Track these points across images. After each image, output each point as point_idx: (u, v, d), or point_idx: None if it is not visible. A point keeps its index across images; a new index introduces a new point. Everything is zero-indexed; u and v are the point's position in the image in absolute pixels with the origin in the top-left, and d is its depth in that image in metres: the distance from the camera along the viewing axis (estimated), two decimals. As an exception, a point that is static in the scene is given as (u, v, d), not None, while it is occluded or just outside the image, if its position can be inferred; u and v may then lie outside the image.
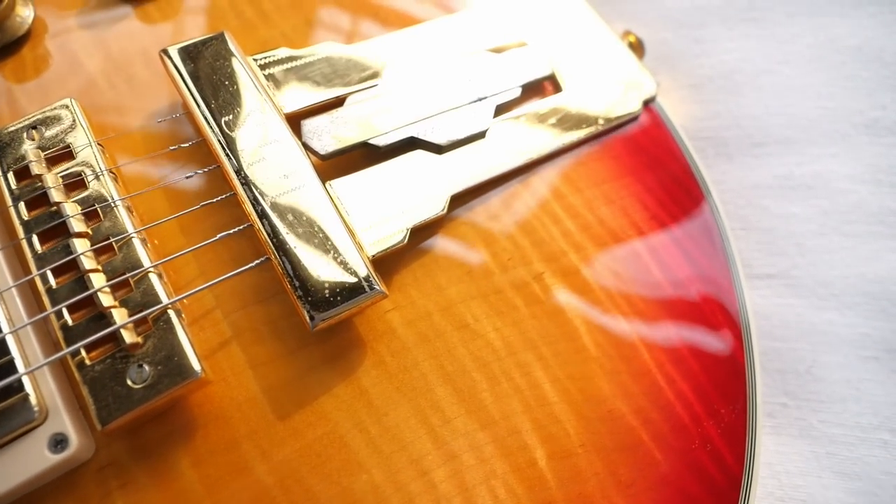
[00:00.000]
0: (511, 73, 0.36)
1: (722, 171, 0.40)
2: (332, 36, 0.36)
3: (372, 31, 0.37)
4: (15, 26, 0.35)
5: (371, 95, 0.33)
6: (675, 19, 0.44)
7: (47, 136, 0.30)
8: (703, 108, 0.41)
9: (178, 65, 0.31)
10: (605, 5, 0.45)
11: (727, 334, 0.33)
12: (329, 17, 0.37)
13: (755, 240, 0.38)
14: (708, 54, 0.42)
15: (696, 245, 0.35)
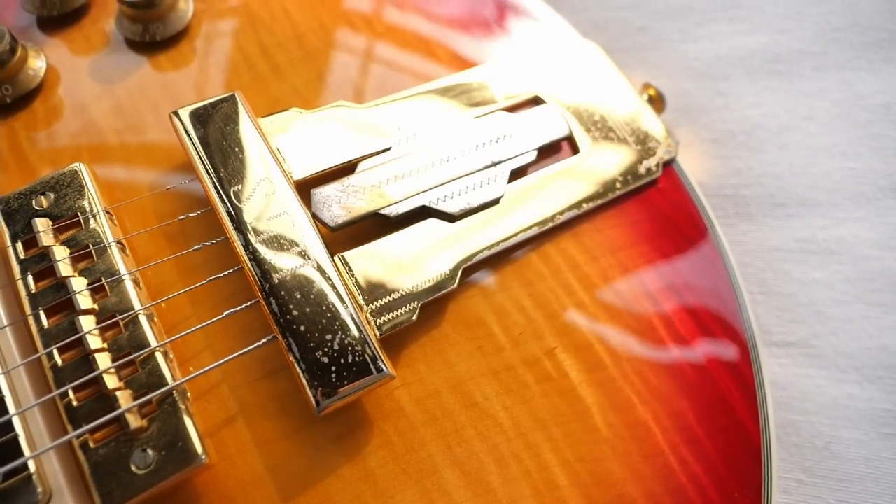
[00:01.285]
0: (527, 134, 0.35)
1: (742, 231, 0.39)
2: (345, 92, 0.36)
3: (385, 87, 0.37)
4: (27, 79, 0.35)
5: (383, 160, 0.33)
6: (698, 70, 0.43)
7: (56, 203, 0.30)
8: (724, 163, 0.41)
9: (188, 129, 0.31)
10: (626, 53, 0.44)
11: (743, 410, 0.33)
12: (342, 73, 0.37)
13: (774, 305, 0.37)
14: (730, 108, 0.42)
15: (713, 316, 0.34)
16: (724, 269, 0.35)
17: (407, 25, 0.39)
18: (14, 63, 0.34)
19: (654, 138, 0.37)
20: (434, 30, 0.39)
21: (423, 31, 0.39)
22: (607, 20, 0.45)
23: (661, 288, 0.34)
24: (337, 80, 0.36)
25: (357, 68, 0.37)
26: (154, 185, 0.33)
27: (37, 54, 0.36)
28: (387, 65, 0.37)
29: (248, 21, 0.38)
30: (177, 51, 0.37)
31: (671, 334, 0.33)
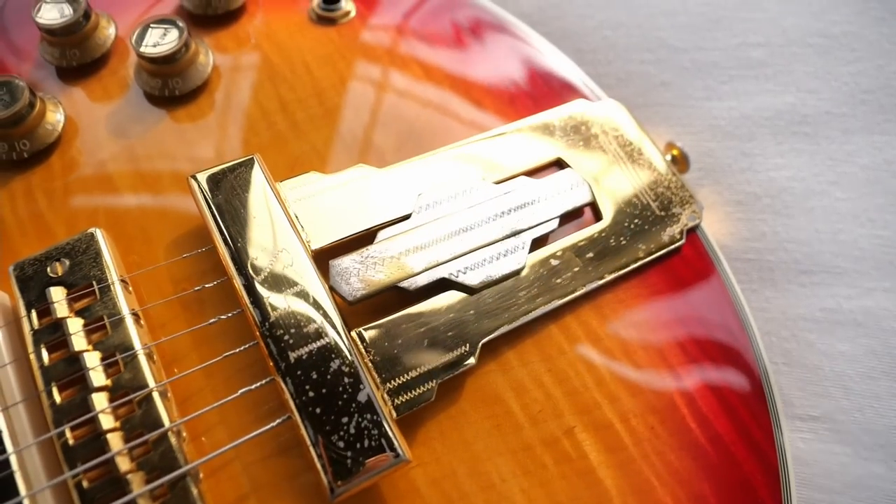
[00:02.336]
0: (549, 201, 0.35)
1: (765, 297, 0.39)
2: (366, 153, 0.36)
3: (406, 147, 0.36)
4: (45, 134, 0.35)
5: (402, 229, 0.32)
6: (723, 129, 0.42)
7: (71, 270, 0.30)
8: (749, 227, 0.40)
9: (206, 194, 0.31)
10: (648, 108, 0.44)
11: (765, 491, 0.32)
12: (362, 132, 0.36)
13: (798, 377, 0.37)
14: (755, 169, 0.41)
15: (737, 393, 0.33)
16: (748, 340, 0.35)
17: (429, 84, 0.38)
18: (32, 118, 0.34)
19: (679, 203, 0.37)
20: (456, 89, 0.38)
21: (446, 89, 0.38)
22: (630, 74, 0.44)
23: (683, 363, 0.33)
24: (357, 140, 0.36)
25: (378, 127, 0.37)
26: (171, 249, 0.32)
27: (55, 107, 0.36)
28: (408, 124, 0.37)
29: (268, 76, 0.38)
30: (196, 106, 0.37)
31: (693, 413, 0.32)
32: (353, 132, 0.36)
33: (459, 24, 0.41)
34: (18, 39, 0.40)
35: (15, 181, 0.34)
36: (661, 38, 0.45)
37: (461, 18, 0.42)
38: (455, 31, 0.41)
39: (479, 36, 0.41)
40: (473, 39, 0.41)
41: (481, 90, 0.39)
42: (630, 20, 0.45)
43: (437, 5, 0.42)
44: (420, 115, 0.37)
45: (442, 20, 0.41)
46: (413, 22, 0.41)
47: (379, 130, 0.37)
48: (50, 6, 0.36)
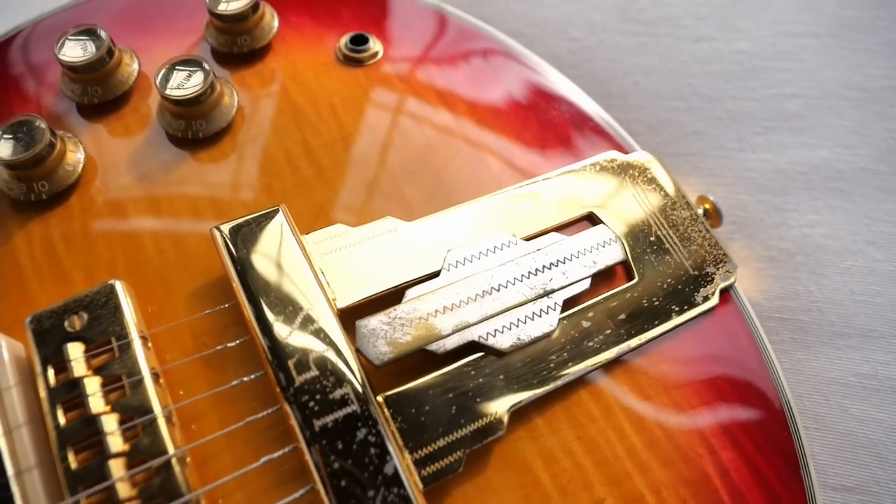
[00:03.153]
0: (581, 260, 0.34)
1: (797, 359, 0.38)
2: (393, 203, 0.35)
3: (435, 197, 0.35)
4: (65, 175, 0.34)
5: (431, 288, 0.31)
6: (756, 182, 0.42)
7: (89, 325, 0.29)
8: (781, 285, 0.39)
9: (230, 247, 0.30)
10: (679, 157, 0.43)
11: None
12: (390, 181, 0.36)
13: (831, 444, 0.36)
14: (789, 225, 0.40)
15: (769, 461, 0.32)
16: (782, 407, 0.34)
17: (458, 132, 0.38)
18: (52, 159, 0.33)
19: (713, 262, 0.36)
20: (486, 137, 0.38)
21: (475, 138, 0.38)
22: (661, 122, 0.44)
23: (716, 432, 0.32)
24: (384, 189, 0.35)
25: (405, 176, 0.36)
26: (192, 302, 0.31)
27: (75, 147, 0.35)
28: (436, 173, 0.36)
29: (294, 119, 0.37)
30: (219, 149, 0.36)
31: (726, 485, 0.31)
32: (379, 180, 0.36)
33: (490, 69, 0.41)
34: (38, 72, 0.39)
35: (33, 223, 0.34)
36: (694, 86, 0.44)
37: (491, 63, 0.41)
38: (485, 77, 0.40)
39: (509, 82, 0.40)
40: (504, 85, 0.40)
41: (511, 138, 0.38)
42: (662, 66, 0.45)
43: (467, 49, 0.41)
44: (448, 164, 0.36)
45: (472, 65, 0.41)
46: (442, 66, 0.40)
47: (406, 179, 0.36)
48: (73, 43, 0.36)
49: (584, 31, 0.46)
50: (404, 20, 0.42)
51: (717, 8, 0.45)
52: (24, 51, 0.40)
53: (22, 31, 0.41)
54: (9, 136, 0.33)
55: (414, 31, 0.42)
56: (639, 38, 0.45)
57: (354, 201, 0.35)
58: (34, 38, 0.41)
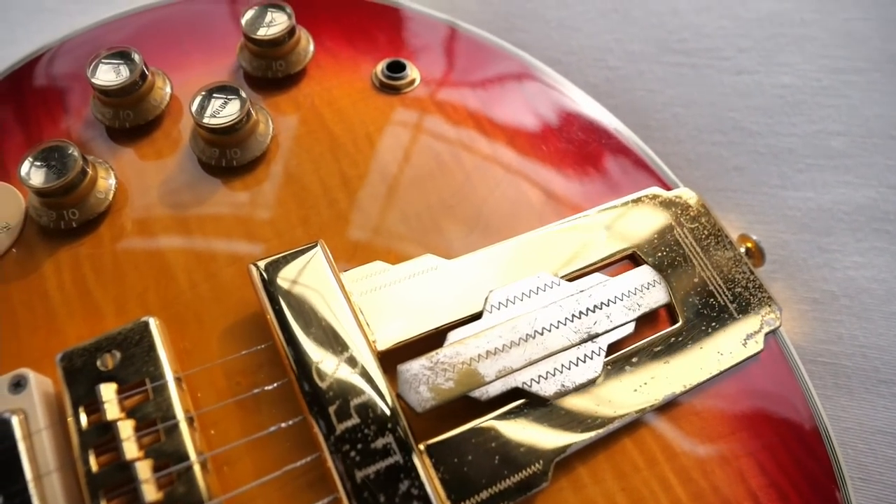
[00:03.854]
0: (625, 302, 0.33)
1: (840, 405, 0.37)
2: (432, 239, 0.34)
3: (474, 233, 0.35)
4: (96, 203, 0.33)
5: (473, 331, 0.31)
6: (798, 221, 0.41)
7: (122, 364, 0.28)
8: (824, 328, 0.38)
9: (267, 285, 0.29)
10: (719, 193, 0.42)
11: None
12: (428, 215, 0.35)
13: (875, 495, 0.35)
14: (833, 266, 0.39)
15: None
16: (828, 457, 0.33)
17: (497, 164, 0.37)
18: (84, 186, 0.33)
19: (757, 305, 0.35)
20: (526, 170, 0.37)
21: (515, 171, 0.37)
22: (701, 156, 0.43)
23: (763, 485, 0.31)
24: (423, 224, 0.34)
25: (444, 210, 0.35)
26: (226, 339, 0.31)
27: (106, 173, 0.34)
28: (476, 208, 0.35)
29: (330, 148, 0.36)
30: (253, 177, 0.35)
31: (774, 542, 0.30)
32: (418, 215, 0.35)
33: (528, 98, 0.40)
34: (67, 93, 0.38)
35: (62, 252, 0.33)
36: (735, 120, 0.43)
37: (530, 92, 0.40)
38: (524, 106, 0.39)
39: (548, 112, 0.40)
40: (543, 116, 0.39)
41: (552, 172, 0.37)
42: (702, 98, 0.44)
43: (505, 77, 0.41)
44: (488, 198, 0.36)
45: (510, 94, 0.40)
46: (480, 95, 0.39)
47: (446, 213, 0.35)
48: (106, 66, 0.35)
49: (623, 60, 0.45)
50: (441, 46, 0.41)
51: (760, 40, 0.44)
52: (51, 71, 0.39)
53: (49, 51, 0.40)
54: (40, 163, 0.32)
55: (451, 58, 0.41)
56: (678, 68, 0.44)
57: (393, 236, 0.34)
58: (62, 57, 0.40)
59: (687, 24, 0.45)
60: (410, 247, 0.34)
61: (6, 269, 0.33)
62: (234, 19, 0.41)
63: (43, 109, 0.38)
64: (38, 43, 0.48)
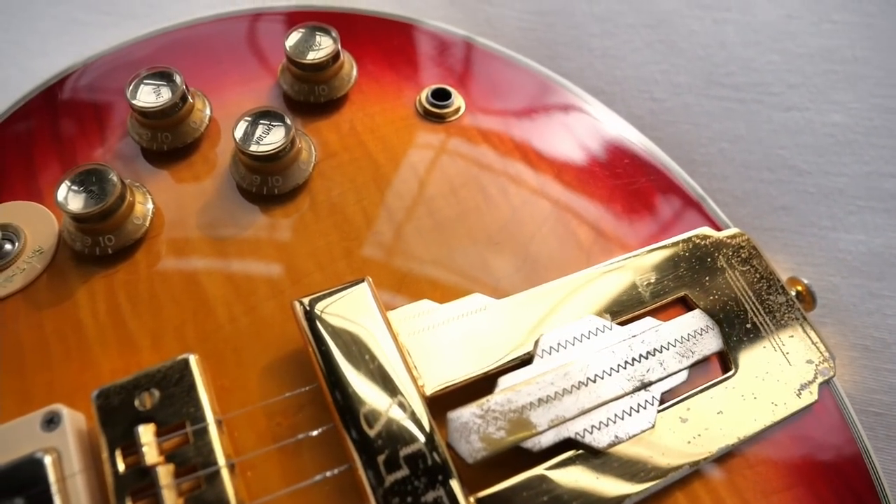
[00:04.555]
0: (678, 349, 0.32)
1: (893, 457, 0.36)
2: (480, 277, 0.33)
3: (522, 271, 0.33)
4: (133, 229, 0.32)
5: (525, 377, 0.29)
6: (849, 264, 0.40)
7: (161, 404, 0.27)
8: (876, 377, 0.37)
9: (313, 324, 0.28)
10: (766, 232, 0.41)
11: None
12: (476, 252, 0.34)
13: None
14: (885, 313, 0.38)
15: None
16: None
17: (545, 199, 0.36)
18: (122, 212, 0.32)
19: (811, 353, 0.34)
20: (573, 207, 0.36)
21: (562, 207, 0.36)
22: (748, 193, 0.42)
23: (819, 545, 0.30)
24: (470, 260, 0.33)
25: (491, 246, 0.34)
26: (266, 376, 0.29)
27: (144, 198, 0.33)
28: (523, 245, 0.34)
29: (373, 178, 0.35)
30: (294, 206, 0.34)
31: None
32: (465, 251, 0.34)
33: (575, 130, 0.39)
34: (103, 111, 0.37)
35: (96, 279, 0.32)
36: (784, 158, 0.42)
37: (577, 124, 0.39)
38: (571, 138, 0.38)
39: (595, 145, 0.39)
40: (590, 149, 0.38)
41: (600, 208, 0.36)
42: (750, 134, 0.43)
43: (550, 107, 0.40)
44: (536, 235, 0.34)
45: (556, 125, 0.39)
46: (525, 125, 0.38)
47: (493, 249, 0.34)
48: (147, 88, 0.34)
49: (668, 93, 0.44)
50: (485, 74, 0.40)
51: (810, 77, 0.43)
52: (87, 88, 0.38)
53: (85, 67, 0.39)
54: (78, 188, 0.31)
55: (495, 86, 0.40)
56: (725, 102, 0.43)
57: (439, 272, 0.33)
58: (98, 74, 0.39)
59: (734, 58, 0.44)
60: (457, 283, 0.33)
61: (38, 294, 0.32)
62: (273, 39, 0.40)
63: (77, 127, 0.37)
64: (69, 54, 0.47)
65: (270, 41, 0.40)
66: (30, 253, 0.33)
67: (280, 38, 0.40)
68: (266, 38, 0.41)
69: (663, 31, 0.45)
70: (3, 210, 0.34)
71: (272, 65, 0.39)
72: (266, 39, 0.40)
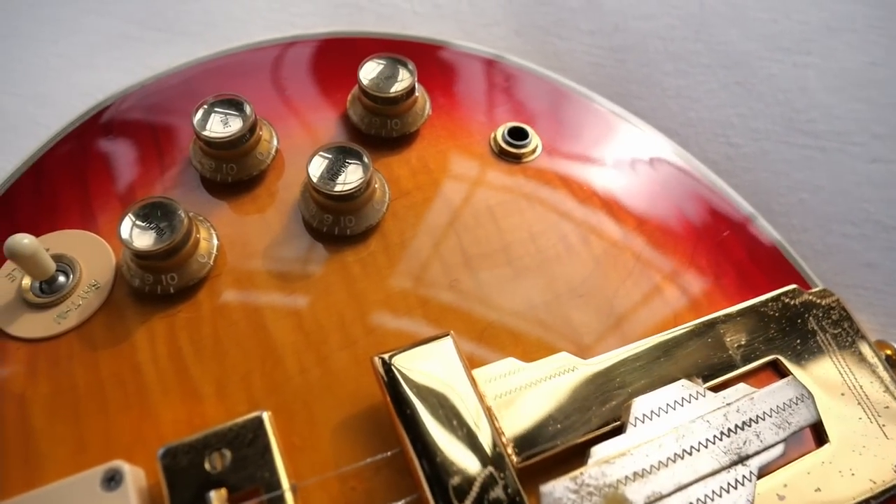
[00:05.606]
0: (774, 419, 0.30)
1: None
2: (564, 333, 0.31)
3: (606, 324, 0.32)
4: (197, 268, 0.31)
5: (618, 449, 0.28)
6: (937, 326, 0.38)
7: (233, 467, 0.25)
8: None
9: (396, 385, 0.26)
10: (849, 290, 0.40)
11: None
12: (558, 306, 0.32)
13: None
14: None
15: None
16: None
17: (629, 250, 0.34)
18: (187, 250, 0.30)
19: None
20: (658, 259, 0.34)
21: (645, 260, 0.34)
22: (830, 247, 0.40)
23: None
24: (552, 314, 0.31)
25: (573, 299, 0.32)
26: (340, 437, 0.27)
27: (209, 234, 0.31)
28: (607, 300, 0.32)
29: (449, 221, 0.33)
30: (365, 248, 0.32)
31: None
32: (546, 303, 0.32)
33: (656, 176, 0.37)
34: (162, 136, 0.35)
35: (156, 320, 0.30)
36: (868, 212, 0.41)
37: (657, 170, 0.37)
38: (652, 185, 0.37)
39: (677, 193, 0.37)
40: (672, 197, 0.36)
41: (685, 263, 0.34)
42: (832, 185, 0.41)
43: (632, 152, 0.38)
44: (619, 289, 0.33)
45: (636, 170, 0.37)
46: (606, 171, 0.37)
47: (576, 304, 0.32)
48: (217, 118, 0.32)
49: (745, 138, 0.42)
50: (560, 112, 0.39)
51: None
52: (144, 111, 0.37)
53: (142, 89, 0.38)
54: (142, 222, 0.29)
55: (571, 126, 0.38)
56: (806, 151, 0.42)
57: (520, 325, 0.31)
58: (156, 98, 0.37)
59: (816, 104, 0.43)
60: (540, 338, 0.31)
61: (94, 333, 0.30)
62: (339, 67, 0.39)
63: (134, 152, 0.35)
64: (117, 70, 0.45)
65: (336, 69, 0.39)
66: (85, 287, 0.31)
67: (346, 66, 0.39)
68: (332, 65, 0.39)
69: (741, 73, 0.43)
70: (58, 239, 0.32)
71: (337, 94, 0.38)
72: (332, 67, 0.39)
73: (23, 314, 0.30)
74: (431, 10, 0.44)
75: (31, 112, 0.43)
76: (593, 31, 0.44)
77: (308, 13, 0.45)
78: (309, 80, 0.38)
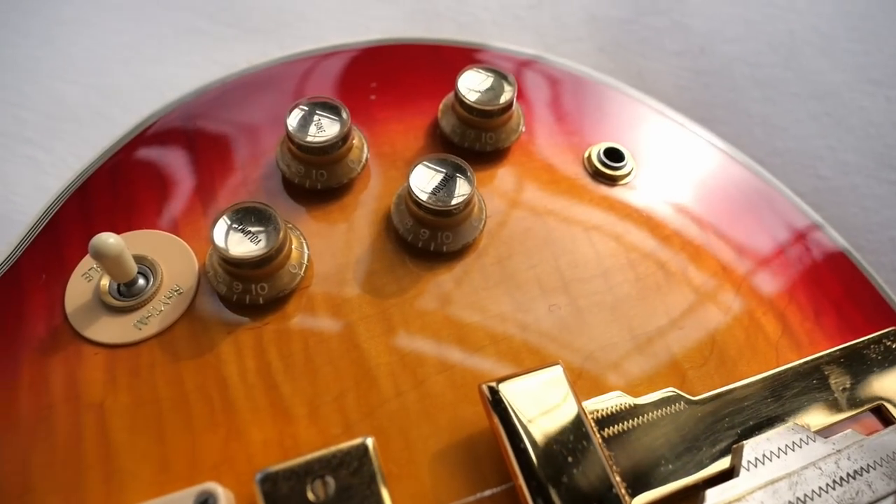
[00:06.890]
0: (884, 469, 0.29)
1: None
2: (668, 370, 0.30)
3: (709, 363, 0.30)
4: (287, 279, 0.29)
5: (733, 493, 0.26)
6: None
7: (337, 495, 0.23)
8: None
9: (507, 417, 0.25)
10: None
11: None
12: (658, 337, 0.30)
13: None
14: None
15: None
16: None
17: (727, 286, 0.32)
18: (280, 259, 0.28)
19: None
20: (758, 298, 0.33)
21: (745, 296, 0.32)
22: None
23: None
24: (654, 347, 0.30)
25: (675, 332, 0.31)
26: (439, 466, 0.26)
27: (300, 244, 0.30)
28: (709, 335, 0.31)
29: (545, 242, 0.32)
30: (462, 267, 0.31)
31: None
32: (647, 335, 0.30)
33: (755, 209, 0.36)
34: (245, 137, 0.34)
35: (242, 331, 0.28)
36: (962, 254, 0.39)
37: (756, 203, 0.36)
38: (750, 218, 0.35)
39: (774, 227, 0.35)
40: (771, 232, 0.35)
41: (785, 299, 0.33)
42: (924, 225, 0.40)
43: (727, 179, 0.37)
44: (720, 326, 0.31)
45: (735, 201, 0.36)
46: (702, 196, 0.35)
47: (677, 337, 0.31)
48: (313, 122, 0.31)
49: (834, 171, 0.41)
50: (654, 135, 0.37)
51: None
52: (226, 110, 0.35)
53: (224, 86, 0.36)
54: (237, 227, 0.28)
55: (666, 149, 0.37)
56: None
57: (620, 358, 0.30)
58: (238, 95, 0.36)
59: (908, 140, 0.42)
60: (642, 372, 0.29)
61: (177, 342, 0.28)
62: (426, 74, 0.37)
63: (214, 151, 0.34)
64: (185, 65, 0.44)
65: (423, 76, 0.37)
66: (167, 292, 0.29)
67: (433, 74, 0.38)
68: (419, 72, 0.38)
69: (830, 104, 0.42)
70: (137, 239, 0.31)
71: (425, 103, 0.36)
72: (418, 74, 0.38)
73: (101, 317, 0.29)
74: (512, 21, 0.43)
75: (94, 102, 0.42)
76: (679, 52, 0.43)
77: (383, 17, 0.44)
78: (395, 86, 0.37)
